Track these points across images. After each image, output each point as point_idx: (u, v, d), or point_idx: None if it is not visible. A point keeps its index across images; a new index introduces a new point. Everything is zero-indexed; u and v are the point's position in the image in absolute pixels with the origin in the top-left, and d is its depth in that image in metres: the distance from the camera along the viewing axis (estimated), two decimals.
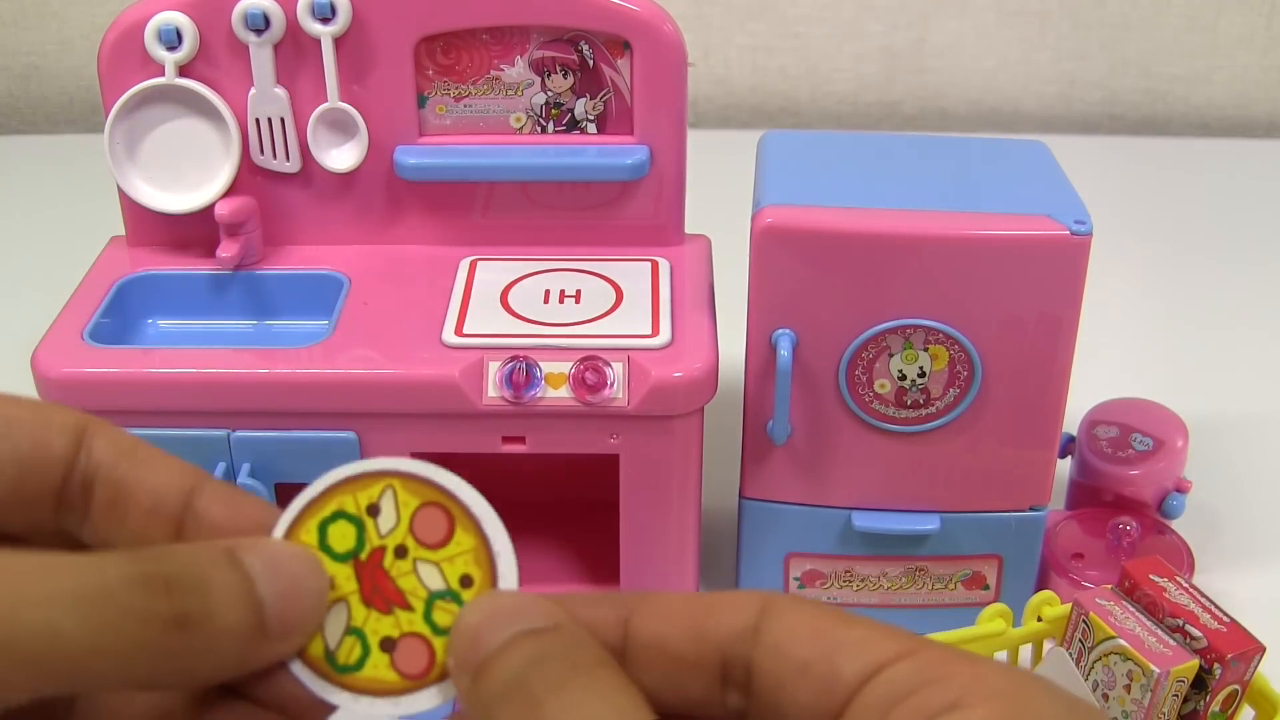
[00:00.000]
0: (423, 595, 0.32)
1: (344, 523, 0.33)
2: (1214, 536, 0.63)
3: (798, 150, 0.55)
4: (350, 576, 0.33)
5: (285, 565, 0.33)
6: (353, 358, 0.50)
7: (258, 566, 0.32)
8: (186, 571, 0.31)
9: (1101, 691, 0.47)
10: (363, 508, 0.33)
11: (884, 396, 0.52)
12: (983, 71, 1.10)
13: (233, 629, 0.31)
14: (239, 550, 0.32)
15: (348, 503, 0.33)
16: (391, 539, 0.33)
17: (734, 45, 1.10)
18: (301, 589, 0.32)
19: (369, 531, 0.33)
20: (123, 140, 0.55)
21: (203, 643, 0.31)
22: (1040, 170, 0.54)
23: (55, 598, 0.30)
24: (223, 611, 0.31)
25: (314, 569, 0.33)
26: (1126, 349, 0.78)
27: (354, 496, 0.33)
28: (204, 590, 0.31)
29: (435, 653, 0.32)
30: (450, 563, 0.33)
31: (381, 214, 0.57)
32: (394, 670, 0.32)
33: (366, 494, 0.33)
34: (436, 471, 0.33)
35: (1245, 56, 1.10)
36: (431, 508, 0.33)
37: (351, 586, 0.33)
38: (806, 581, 0.56)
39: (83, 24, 1.09)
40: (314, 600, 0.33)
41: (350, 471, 0.33)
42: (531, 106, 0.55)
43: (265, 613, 0.32)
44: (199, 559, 0.32)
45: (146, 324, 0.56)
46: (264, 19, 0.53)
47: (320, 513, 0.33)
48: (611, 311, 0.53)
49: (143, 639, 0.30)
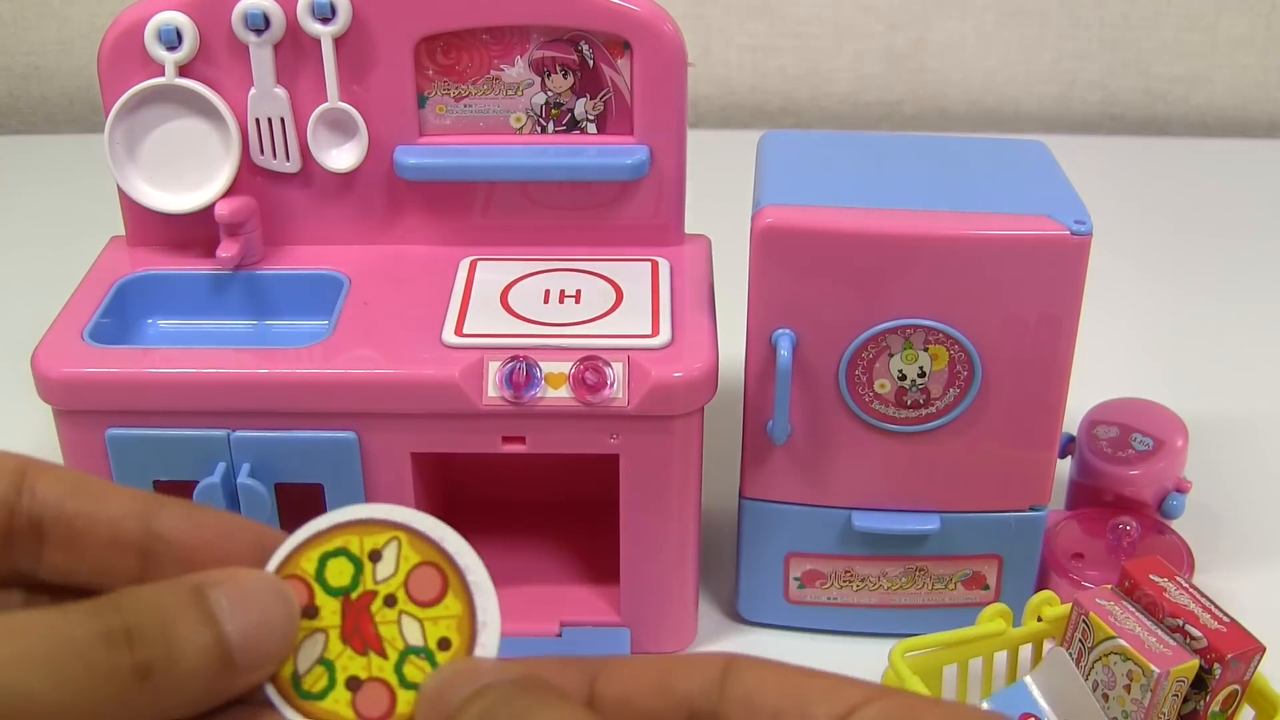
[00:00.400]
0: (399, 647, 0.33)
1: (345, 560, 0.34)
2: (1214, 536, 0.63)
3: (798, 150, 0.55)
4: (336, 611, 0.34)
5: (254, 598, 0.33)
6: (353, 358, 0.50)
7: (225, 602, 0.33)
8: (148, 620, 0.32)
9: (1101, 691, 0.47)
10: (366, 551, 0.34)
11: (884, 396, 0.52)
12: (983, 71, 1.10)
13: (198, 671, 0.32)
14: (206, 586, 0.33)
15: (353, 543, 0.34)
16: (385, 587, 0.34)
17: (734, 45, 1.10)
18: (270, 621, 0.33)
19: (365, 574, 0.34)
20: (123, 140, 0.55)
21: (168, 686, 0.32)
22: (1040, 170, 0.54)
23: (24, 658, 0.31)
24: (187, 655, 0.32)
25: (283, 599, 0.33)
26: (1126, 349, 0.78)
27: (360, 539, 0.34)
28: (167, 637, 0.32)
29: (396, 704, 0.33)
30: (434, 623, 0.34)
31: (381, 214, 0.57)
32: (352, 709, 0.33)
33: (373, 539, 0.34)
34: (445, 534, 0.34)
35: (1245, 56, 1.10)
36: (430, 568, 0.34)
37: (335, 621, 0.34)
38: (806, 581, 0.56)
39: (83, 24, 1.09)
40: (283, 632, 0.33)
41: (363, 514, 0.34)
42: (531, 106, 0.55)
43: (232, 649, 0.33)
44: (162, 602, 0.33)
45: (146, 324, 0.56)
46: (264, 19, 0.53)
47: (325, 545, 0.34)
48: (611, 311, 0.53)
49: (109, 691, 0.31)
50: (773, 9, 1.09)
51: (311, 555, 0.35)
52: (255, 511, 0.51)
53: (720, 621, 0.58)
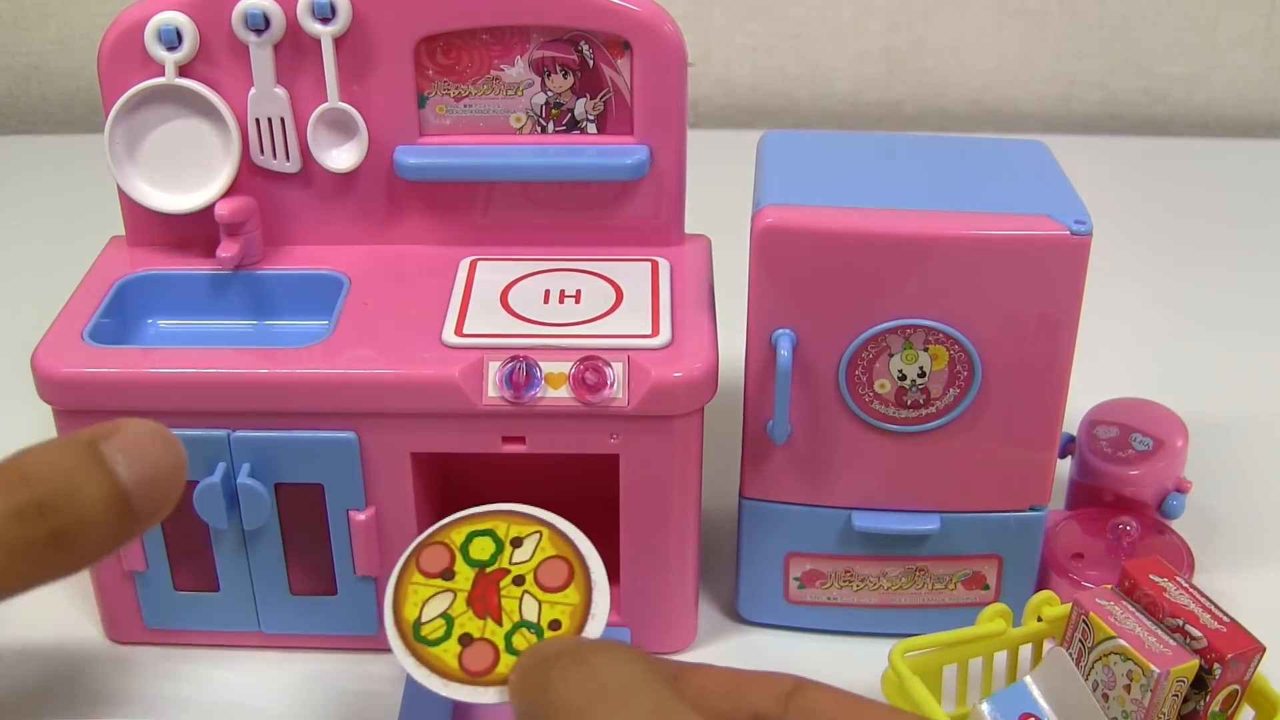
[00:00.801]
0: (515, 619, 0.38)
1: (489, 540, 0.41)
2: (1214, 536, 0.63)
3: (798, 150, 0.55)
4: (469, 579, 0.40)
5: (145, 448, 0.36)
6: (353, 358, 0.50)
7: (118, 456, 0.36)
8: (54, 489, 0.35)
9: (1101, 691, 0.47)
10: (509, 537, 0.41)
11: (884, 396, 0.52)
12: (983, 71, 1.11)
13: (103, 525, 0.35)
14: (99, 441, 0.36)
15: (500, 528, 0.41)
16: (517, 569, 0.40)
17: (734, 45, 1.10)
18: (161, 468, 0.36)
19: (504, 555, 0.40)
20: (123, 140, 0.55)
21: (79, 544, 0.35)
22: (1040, 170, 0.54)
23: None
24: (92, 515, 0.35)
25: (169, 444, 0.37)
26: (1126, 349, 0.78)
27: (508, 525, 0.41)
28: (73, 503, 0.35)
29: (498, 664, 0.38)
30: (551, 606, 0.39)
31: (381, 214, 0.57)
32: (458, 660, 0.38)
33: (519, 529, 0.41)
34: (580, 538, 0.41)
35: (1245, 56, 1.10)
36: (560, 561, 0.40)
37: (465, 586, 0.40)
38: (806, 581, 0.56)
39: (83, 24, 1.09)
40: (173, 475, 0.37)
41: (519, 508, 0.41)
42: (531, 106, 0.55)
43: (131, 499, 0.36)
44: (64, 464, 0.35)
45: (146, 324, 0.56)
46: (264, 19, 0.53)
47: (475, 525, 0.41)
48: (611, 311, 0.53)
49: (27, 563, 0.34)
50: (773, 9, 1.09)
51: (462, 530, 0.41)
52: (255, 511, 0.51)
53: (720, 621, 0.58)
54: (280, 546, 0.53)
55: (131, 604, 0.55)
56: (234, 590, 0.54)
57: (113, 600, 0.55)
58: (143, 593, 0.54)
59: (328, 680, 0.55)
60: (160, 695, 0.54)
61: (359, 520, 0.52)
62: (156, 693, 0.54)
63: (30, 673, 0.55)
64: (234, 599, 0.54)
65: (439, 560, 0.41)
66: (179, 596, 0.54)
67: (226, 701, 0.54)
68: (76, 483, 0.35)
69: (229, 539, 0.53)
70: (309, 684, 0.55)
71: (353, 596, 0.54)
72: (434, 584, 0.40)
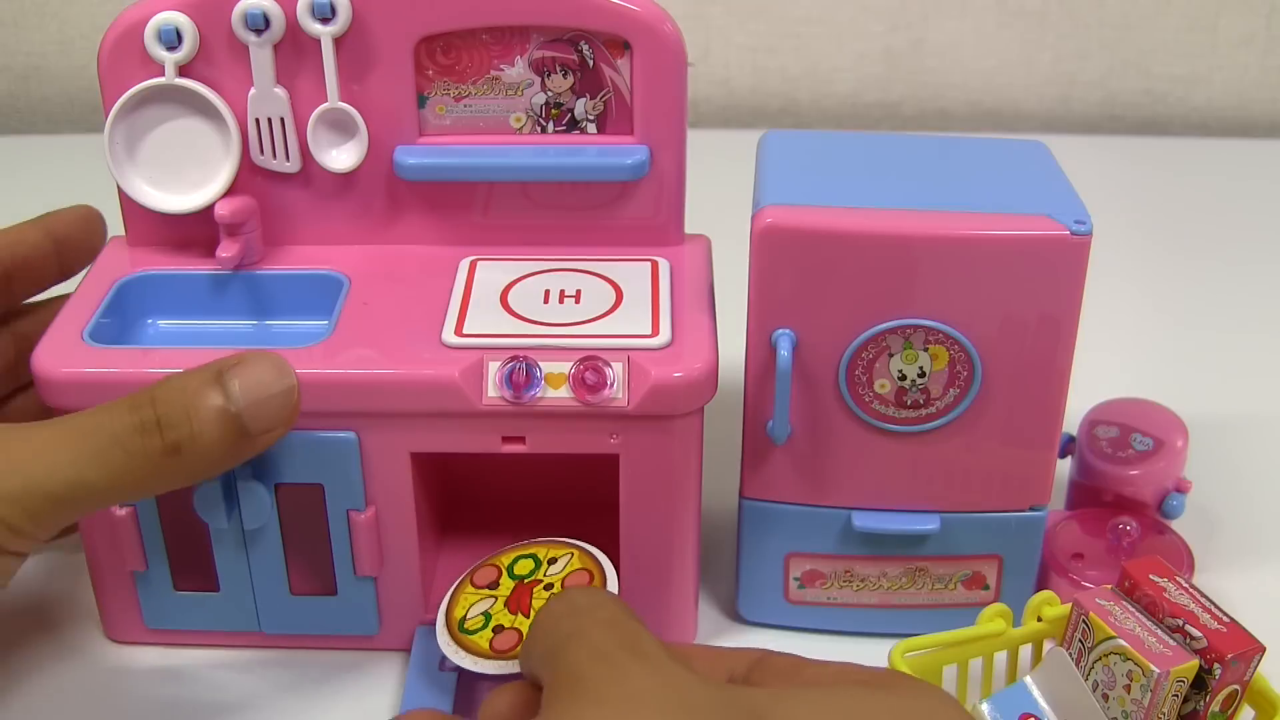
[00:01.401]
0: None
1: (530, 560, 0.50)
2: (1214, 536, 0.63)
3: (798, 150, 0.55)
4: (510, 588, 0.49)
5: (258, 375, 0.45)
6: (352, 358, 0.50)
7: (234, 382, 0.45)
8: (174, 409, 0.44)
9: (1101, 691, 0.47)
10: (547, 558, 0.50)
11: (884, 396, 0.52)
12: (983, 72, 1.11)
13: (217, 443, 0.44)
14: (224, 369, 0.45)
15: (541, 551, 0.50)
16: (550, 578, 0.49)
17: (734, 45, 1.10)
18: (272, 393, 0.45)
19: (541, 570, 0.49)
20: (123, 140, 0.55)
21: (195, 457, 0.44)
22: (1040, 170, 0.54)
23: (80, 459, 0.43)
24: (206, 431, 0.44)
25: (281, 373, 0.46)
26: (1126, 349, 0.78)
27: (549, 549, 0.50)
28: (190, 419, 0.44)
29: (520, 644, 0.45)
30: None
31: (381, 214, 0.57)
32: (489, 643, 0.47)
33: (555, 551, 0.50)
34: (603, 556, 0.49)
35: (1245, 56, 1.10)
36: (584, 572, 0.48)
37: (506, 593, 0.49)
38: (806, 581, 0.56)
39: (83, 24, 1.09)
40: (283, 400, 0.46)
41: (562, 539, 0.51)
42: (531, 106, 0.55)
43: (244, 420, 0.45)
44: (188, 387, 0.44)
45: (147, 324, 0.56)
46: (264, 19, 0.53)
47: (522, 551, 0.51)
48: (611, 312, 0.53)
49: (148, 470, 0.44)
50: (773, 9, 1.09)
51: (511, 554, 0.51)
52: (256, 513, 0.51)
53: (720, 621, 0.58)
54: (280, 546, 0.53)
55: (131, 604, 0.55)
56: (234, 590, 0.54)
57: (112, 600, 0.55)
58: (143, 592, 0.54)
59: (328, 681, 0.55)
60: (160, 695, 0.54)
61: (359, 520, 0.52)
62: (156, 693, 0.54)
63: (30, 672, 0.55)
64: (234, 599, 0.54)
65: (488, 576, 0.50)
66: (179, 596, 0.54)
67: (226, 702, 0.54)
68: (194, 404, 0.44)
69: (229, 539, 0.52)
70: (309, 684, 0.55)
71: (353, 597, 0.54)
72: (481, 593, 0.49)
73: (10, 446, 0.44)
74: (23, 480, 0.43)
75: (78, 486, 0.43)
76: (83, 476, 0.43)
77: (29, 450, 0.44)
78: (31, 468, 0.43)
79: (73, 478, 0.43)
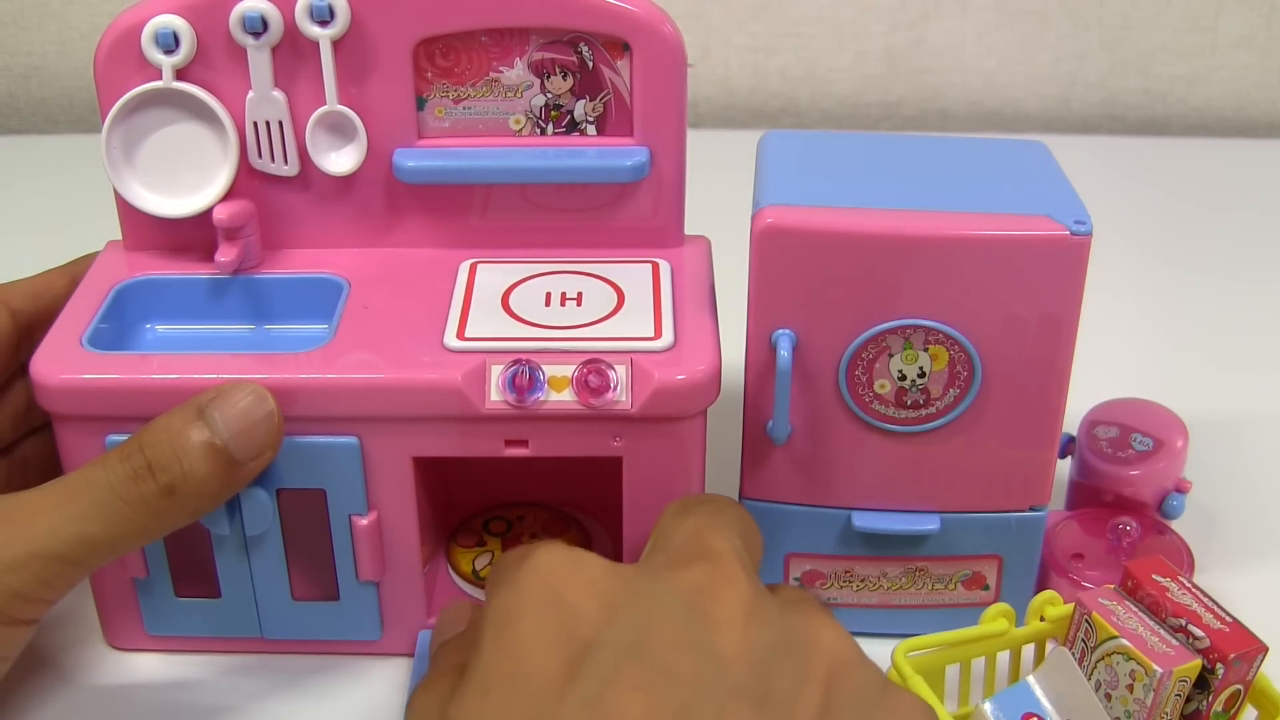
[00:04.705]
0: None
1: (500, 521, 0.60)
2: (1214, 536, 0.63)
3: (798, 150, 0.55)
4: (499, 545, 0.58)
5: (239, 407, 0.46)
6: (353, 362, 0.50)
7: (215, 414, 0.45)
8: (162, 451, 0.45)
9: (1104, 691, 0.47)
10: (515, 516, 0.60)
11: (884, 396, 0.52)
12: (983, 72, 1.11)
13: (210, 477, 0.45)
14: (205, 404, 0.46)
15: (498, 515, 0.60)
16: (529, 533, 0.59)
17: (734, 45, 1.10)
18: (253, 419, 0.46)
19: (513, 530, 0.59)
20: (120, 144, 0.55)
21: (191, 496, 0.45)
22: (1040, 170, 0.53)
23: (81, 514, 0.44)
24: (197, 468, 0.45)
25: (260, 399, 0.47)
26: (1126, 349, 0.78)
27: (500, 514, 0.60)
28: (178, 460, 0.44)
29: None
30: None
31: (381, 217, 0.57)
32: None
33: (510, 514, 0.60)
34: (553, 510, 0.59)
35: (1245, 56, 1.10)
36: (553, 523, 0.58)
37: (498, 548, 0.57)
38: (806, 581, 0.56)
39: (83, 24, 1.09)
40: (266, 424, 0.47)
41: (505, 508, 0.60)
42: (531, 108, 0.55)
43: (231, 451, 0.45)
44: (172, 429, 0.45)
45: (145, 329, 0.56)
46: (262, 22, 0.53)
47: (483, 518, 0.60)
48: (613, 314, 0.53)
49: (148, 515, 0.44)
50: (773, 9, 1.09)
51: (475, 521, 0.60)
52: (258, 518, 0.51)
53: None
54: (282, 552, 0.53)
55: (133, 610, 0.55)
56: (235, 596, 0.54)
57: (114, 607, 0.55)
58: (144, 599, 0.54)
59: (330, 686, 0.55)
60: (162, 702, 0.54)
61: (361, 525, 0.52)
62: (158, 700, 0.54)
63: (31, 679, 0.55)
64: (235, 605, 0.54)
65: (469, 539, 0.57)
66: (180, 603, 0.54)
67: (228, 708, 0.54)
68: (180, 444, 0.44)
69: (230, 545, 0.52)
70: (311, 690, 0.55)
71: (355, 602, 0.54)
72: (473, 550, 0.57)
73: (10, 514, 0.44)
74: (27, 546, 0.43)
75: (82, 543, 0.44)
76: (86, 532, 0.44)
77: (29, 515, 0.44)
78: (34, 532, 0.44)
79: (76, 534, 0.44)
